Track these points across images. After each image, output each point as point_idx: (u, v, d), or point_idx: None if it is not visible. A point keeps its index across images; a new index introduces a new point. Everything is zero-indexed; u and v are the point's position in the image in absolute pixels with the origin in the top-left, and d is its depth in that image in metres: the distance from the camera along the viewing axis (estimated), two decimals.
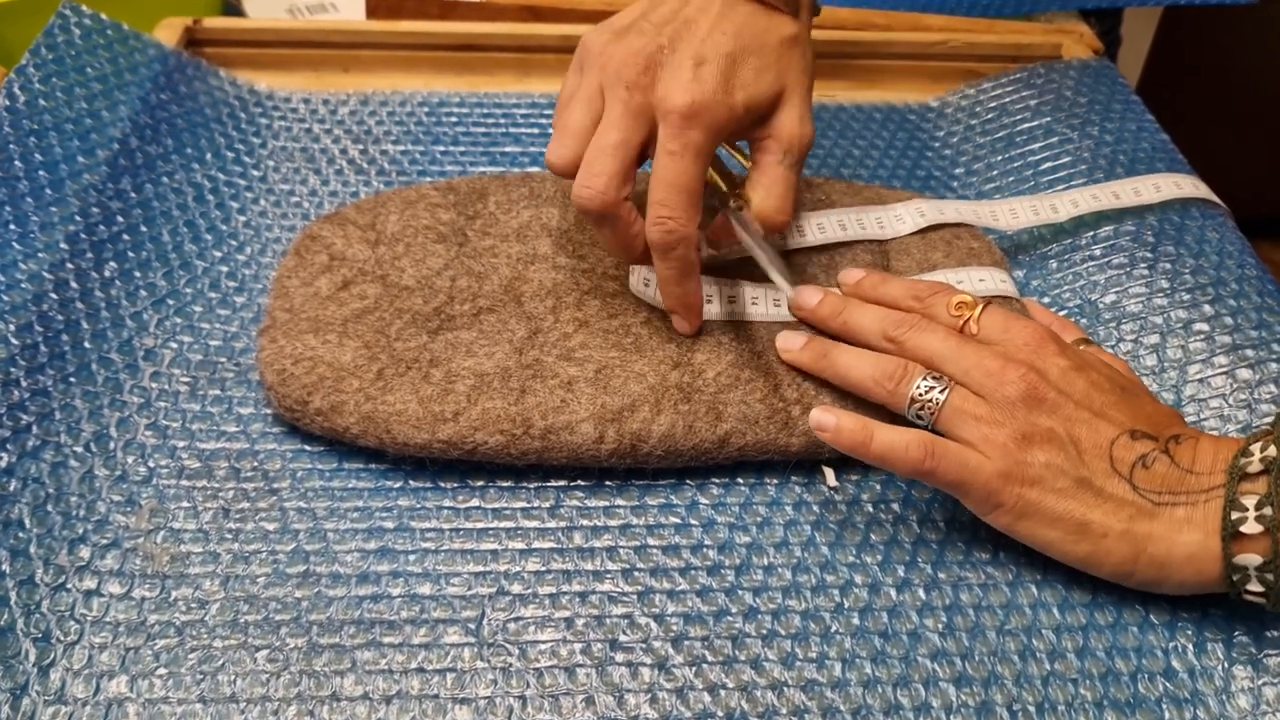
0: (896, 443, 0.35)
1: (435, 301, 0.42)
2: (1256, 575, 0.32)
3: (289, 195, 0.50)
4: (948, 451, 0.35)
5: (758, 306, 0.43)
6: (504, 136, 0.55)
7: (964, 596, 0.36)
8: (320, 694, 0.32)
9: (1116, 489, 0.34)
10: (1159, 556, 0.34)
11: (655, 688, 0.33)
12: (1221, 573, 0.33)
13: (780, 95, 0.41)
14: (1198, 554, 0.33)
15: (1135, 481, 0.34)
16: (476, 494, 0.38)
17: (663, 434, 0.38)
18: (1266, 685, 0.34)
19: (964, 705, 0.33)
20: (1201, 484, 0.34)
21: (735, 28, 0.40)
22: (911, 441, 0.35)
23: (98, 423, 0.39)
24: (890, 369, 0.38)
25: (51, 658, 0.32)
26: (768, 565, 0.37)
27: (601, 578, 0.36)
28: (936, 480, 0.35)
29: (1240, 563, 0.33)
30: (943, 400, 0.36)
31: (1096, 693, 0.34)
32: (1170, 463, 0.34)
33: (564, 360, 0.40)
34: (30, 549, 0.35)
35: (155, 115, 0.51)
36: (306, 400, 0.38)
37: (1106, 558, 0.34)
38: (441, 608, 0.35)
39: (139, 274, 0.44)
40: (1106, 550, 0.34)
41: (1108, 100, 0.57)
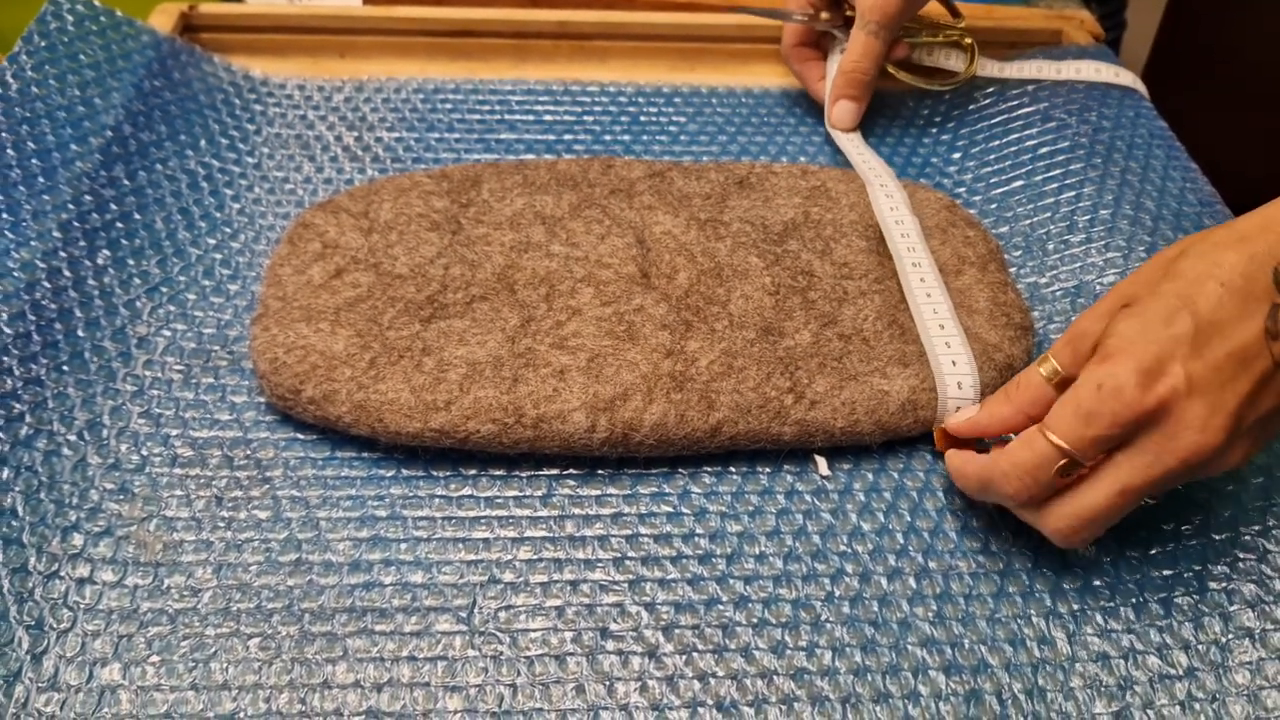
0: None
1: (428, 290, 0.42)
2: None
3: (283, 182, 0.50)
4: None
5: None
6: (499, 124, 0.55)
7: (954, 585, 0.36)
8: (312, 682, 0.32)
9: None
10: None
11: (645, 676, 0.33)
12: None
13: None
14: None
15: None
16: (469, 482, 0.38)
17: (655, 423, 0.38)
18: (1267, 661, 0.34)
19: (953, 693, 0.33)
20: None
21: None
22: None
23: (91, 411, 0.39)
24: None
25: (44, 645, 0.33)
26: (759, 554, 0.37)
27: (593, 566, 0.36)
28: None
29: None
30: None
31: (1085, 679, 0.34)
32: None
33: (556, 349, 0.40)
34: (23, 536, 0.35)
35: (149, 102, 0.51)
36: (299, 389, 0.38)
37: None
38: (433, 596, 0.35)
39: (132, 262, 0.44)
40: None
41: (1106, 86, 0.57)
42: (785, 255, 0.45)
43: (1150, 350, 0.32)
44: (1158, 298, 0.33)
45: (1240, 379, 0.32)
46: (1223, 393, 0.32)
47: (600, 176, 0.49)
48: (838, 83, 0.54)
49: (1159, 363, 0.32)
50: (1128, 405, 0.32)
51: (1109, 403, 0.32)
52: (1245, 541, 0.38)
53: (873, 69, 0.53)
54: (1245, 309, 0.32)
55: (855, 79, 0.53)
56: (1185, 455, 0.32)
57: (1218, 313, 0.32)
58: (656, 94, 0.58)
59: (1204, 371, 0.32)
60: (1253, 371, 0.32)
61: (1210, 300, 0.32)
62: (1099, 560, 0.37)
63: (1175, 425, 0.32)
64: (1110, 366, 0.32)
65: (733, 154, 0.54)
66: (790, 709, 0.33)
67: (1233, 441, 0.33)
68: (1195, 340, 0.32)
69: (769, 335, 0.41)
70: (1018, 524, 0.38)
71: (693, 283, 0.43)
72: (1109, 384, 0.32)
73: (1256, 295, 0.32)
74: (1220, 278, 0.33)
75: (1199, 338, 0.32)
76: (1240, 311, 0.32)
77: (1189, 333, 0.32)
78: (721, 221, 0.46)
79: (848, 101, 0.54)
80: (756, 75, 0.60)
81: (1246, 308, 0.32)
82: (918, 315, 0.42)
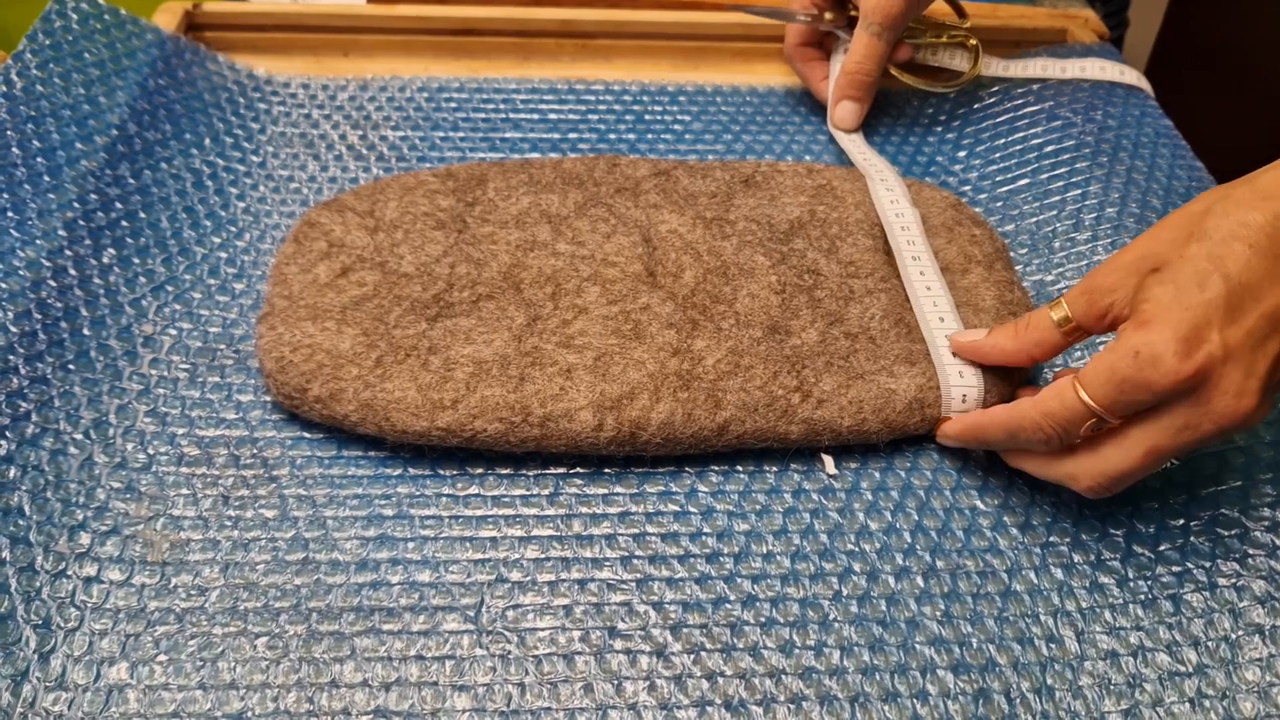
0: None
1: (434, 288, 0.42)
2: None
3: (288, 181, 0.50)
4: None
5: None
6: (503, 122, 0.55)
7: (962, 584, 0.36)
8: (319, 681, 0.32)
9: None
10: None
11: (653, 675, 0.33)
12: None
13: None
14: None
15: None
16: (475, 481, 0.38)
17: (661, 422, 0.38)
18: (1277, 658, 0.34)
19: (961, 692, 0.33)
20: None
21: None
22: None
23: (97, 410, 0.39)
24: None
25: (52, 644, 0.33)
26: (766, 553, 0.37)
27: (600, 565, 0.36)
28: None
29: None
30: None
31: (1094, 677, 0.34)
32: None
33: (563, 348, 0.40)
34: (30, 536, 0.35)
35: (154, 101, 0.51)
36: (305, 388, 0.38)
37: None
38: (440, 595, 0.35)
39: (137, 261, 0.44)
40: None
41: (1111, 84, 0.57)
42: (791, 254, 0.45)
43: (1187, 317, 0.32)
44: (1187, 261, 0.33)
45: (1271, 340, 0.33)
46: (1255, 356, 0.32)
47: (606, 175, 0.49)
48: (840, 83, 0.54)
49: (1196, 330, 0.32)
50: (1165, 374, 0.32)
51: (1146, 371, 0.32)
52: (1255, 538, 0.38)
53: (875, 70, 0.53)
54: (1273, 269, 0.33)
55: (858, 80, 0.54)
56: (1220, 420, 0.32)
57: (1247, 274, 0.32)
58: (661, 92, 0.57)
59: (1239, 336, 0.32)
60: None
61: (1239, 262, 0.32)
62: (1107, 558, 0.37)
63: (1212, 391, 0.32)
64: (1147, 334, 0.33)
65: (737, 153, 0.54)
66: (799, 708, 0.33)
67: (1263, 402, 0.33)
68: (1229, 304, 0.32)
69: (775, 334, 0.41)
70: (1024, 522, 0.38)
71: (699, 281, 0.43)
72: (1146, 352, 0.32)
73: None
74: (1248, 239, 0.33)
75: (1232, 301, 0.32)
76: (1269, 272, 0.33)
77: (1222, 297, 0.32)
78: (727, 220, 0.46)
79: (850, 102, 0.54)
80: (760, 74, 0.60)
81: (1274, 268, 0.33)
82: (918, 308, 0.42)
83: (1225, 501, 0.39)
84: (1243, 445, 0.40)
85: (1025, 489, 0.39)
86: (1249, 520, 0.38)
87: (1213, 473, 0.40)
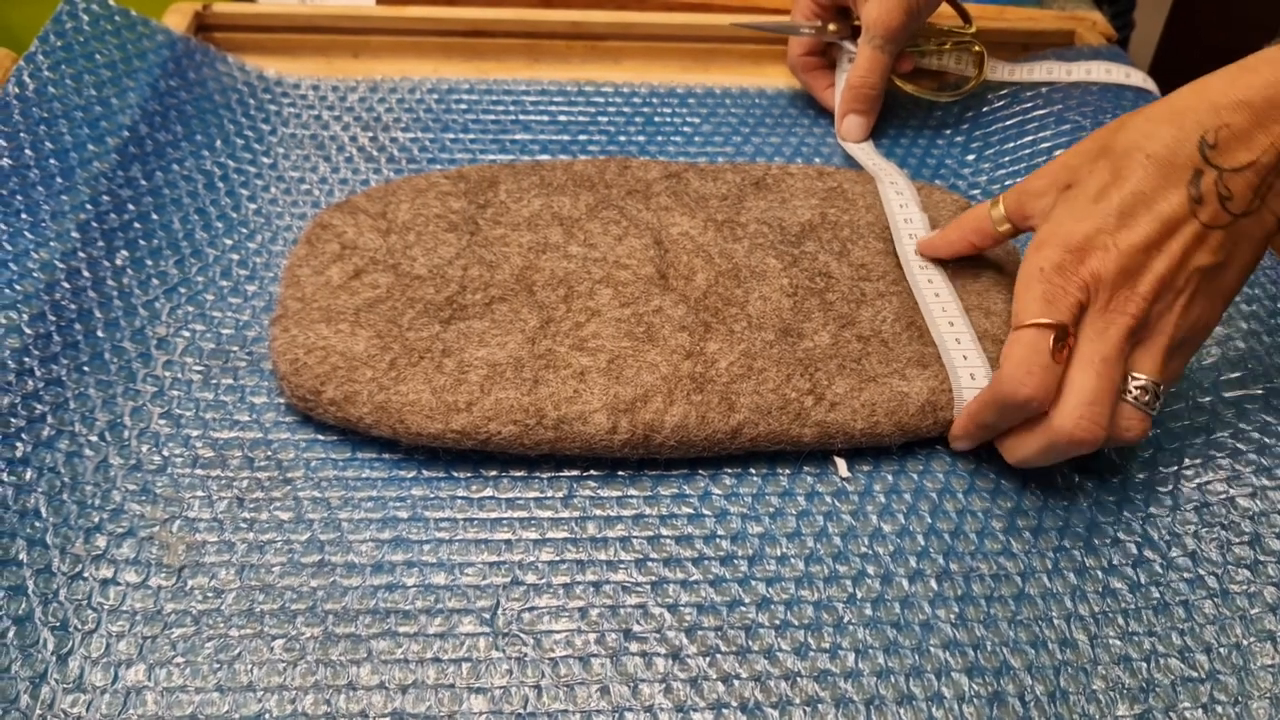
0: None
1: (447, 291, 0.42)
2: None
3: (299, 183, 0.50)
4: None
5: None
6: (514, 124, 0.55)
7: (976, 587, 0.36)
8: (337, 683, 0.33)
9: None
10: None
11: (670, 678, 0.33)
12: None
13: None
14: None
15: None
16: (490, 484, 0.38)
17: (676, 424, 0.38)
18: None
19: (976, 695, 0.33)
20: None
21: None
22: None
23: (111, 411, 0.39)
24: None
25: (69, 646, 0.33)
26: (780, 555, 0.37)
27: (615, 568, 0.36)
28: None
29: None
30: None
31: (1108, 681, 0.34)
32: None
33: (576, 350, 0.40)
34: (47, 538, 0.35)
35: (164, 102, 0.51)
36: (320, 390, 0.38)
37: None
38: (456, 597, 0.35)
39: (150, 262, 0.44)
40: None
41: (1119, 87, 0.57)
42: (803, 257, 0.45)
43: (1080, 229, 0.36)
44: (1092, 175, 0.37)
45: (1171, 243, 0.35)
46: (1151, 257, 0.35)
47: (617, 177, 0.49)
48: (845, 97, 0.54)
49: (1088, 239, 0.36)
50: (1067, 279, 0.36)
51: (1053, 279, 0.36)
52: (1267, 544, 0.38)
53: (879, 83, 0.54)
54: (1169, 178, 0.35)
55: (862, 94, 0.54)
56: (1133, 312, 0.35)
57: (1143, 184, 0.35)
58: (670, 94, 0.58)
59: (1132, 239, 0.35)
60: (1183, 236, 0.35)
61: (1136, 172, 0.35)
62: (1119, 563, 0.37)
63: (1112, 291, 0.35)
64: (1046, 251, 0.36)
65: (747, 155, 0.54)
66: (814, 710, 0.33)
67: (1173, 296, 0.35)
68: (1122, 213, 0.35)
69: (788, 337, 0.41)
70: (1037, 525, 0.38)
71: (711, 284, 0.43)
72: (1047, 266, 0.36)
73: (1179, 165, 0.35)
74: (1148, 149, 0.35)
75: (1124, 211, 0.35)
76: (1164, 181, 0.35)
77: (1115, 207, 0.36)
78: (738, 223, 0.46)
79: (856, 116, 0.54)
80: (770, 76, 0.60)
81: (1170, 177, 0.35)
82: (927, 312, 0.43)
83: (1237, 510, 0.39)
84: (1255, 454, 0.41)
85: (1039, 493, 0.39)
86: (1261, 528, 0.38)
87: (1224, 481, 0.40)
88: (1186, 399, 0.43)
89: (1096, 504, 0.39)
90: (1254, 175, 0.34)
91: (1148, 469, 0.40)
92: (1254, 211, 0.35)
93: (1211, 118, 0.34)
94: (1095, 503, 0.39)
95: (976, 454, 0.40)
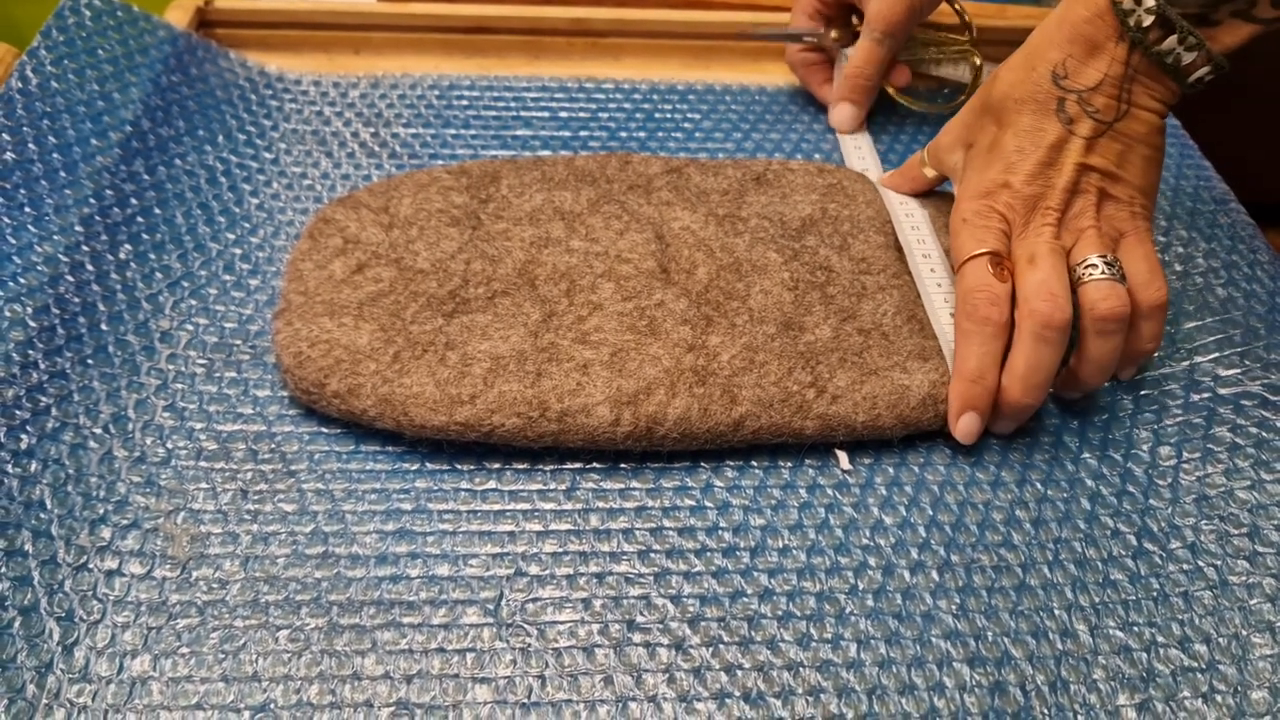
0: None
1: (450, 285, 0.43)
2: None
3: (301, 178, 0.50)
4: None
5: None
6: (514, 120, 0.55)
7: (977, 578, 0.36)
8: (342, 673, 0.33)
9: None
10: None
11: (673, 668, 0.33)
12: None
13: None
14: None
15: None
16: (493, 476, 0.39)
17: (678, 417, 0.38)
18: None
19: (978, 684, 0.34)
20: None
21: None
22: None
23: (116, 404, 0.39)
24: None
25: (75, 636, 0.33)
26: (782, 547, 0.37)
27: (618, 559, 0.36)
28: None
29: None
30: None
31: (1108, 671, 0.34)
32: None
33: (579, 343, 0.40)
34: (52, 529, 0.35)
35: (167, 97, 0.51)
36: (324, 383, 0.39)
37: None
38: (460, 589, 0.35)
39: (154, 256, 0.44)
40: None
41: None
42: (803, 251, 0.45)
43: (986, 178, 0.42)
44: (983, 130, 0.43)
45: (1063, 159, 0.40)
46: (1050, 176, 0.40)
47: (618, 172, 0.49)
48: (840, 86, 0.55)
49: (994, 183, 0.41)
50: (986, 217, 0.41)
51: (974, 221, 0.41)
52: (1265, 536, 0.38)
53: (875, 75, 0.54)
54: (1040, 112, 0.41)
55: (857, 83, 0.54)
56: (1050, 221, 0.40)
57: (1020, 123, 0.41)
58: (671, 91, 0.58)
59: (1028, 168, 0.40)
60: (1071, 151, 0.40)
61: (1012, 116, 0.41)
62: (1119, 554, 0.37)
63: (1027, 213, 0.40)
64: (964, 205, 0.42)
65: (747, 151, 0.55)
66: (816, 700, 0.33)
67: (1082, 200, 0.40)
68: (1015, 151, 0.41)
69: (789, 330, 0.41)
70: (1037, 517, 0.38)
71: (712, 278, 0.43)
72: (968, 214, 0.41)
73: (1043, 99, 0.41)
74: (1015, 95, 0.41)
75: (1017, 149, 0.41)
76: (1037, 116, 0.41)
77: (1008, 150, 0.41)
78: (739, 217, 0.47)
79: (848, 105, 0.55)
80: (770, 73, 0.60)
81: (1040, 111, 0.41)
82: (929, 304, 0.43)
83: (1235, 501, 0.39)
84: (1253, 448, 0.41)
85: (1039, 485, 0.39)
86: (1259, 519, 0.39)
87: (1223, 474, 0.40)
88: (1185, 394, 0.43)
89: (1096, 496, 0.39)
90: (1110, 88, 0.39)
91: (1146, 462, 0.41)
92: (1125, 115, 0.40)
93: (1056, 53, 0.40)
94: (1094, 495, 0.39)
95: (977, 447, 0.40)
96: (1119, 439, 0.41)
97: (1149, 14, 0.38)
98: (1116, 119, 0.40)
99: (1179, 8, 0.38)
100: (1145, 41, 0.38)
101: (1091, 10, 0.39)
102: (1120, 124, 0.40)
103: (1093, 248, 0.39)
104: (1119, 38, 0.39)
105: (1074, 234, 0.40)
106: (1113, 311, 0.38)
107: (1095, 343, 0.39)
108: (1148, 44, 0.38)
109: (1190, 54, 0.38)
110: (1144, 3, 0.38)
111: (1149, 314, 0.40)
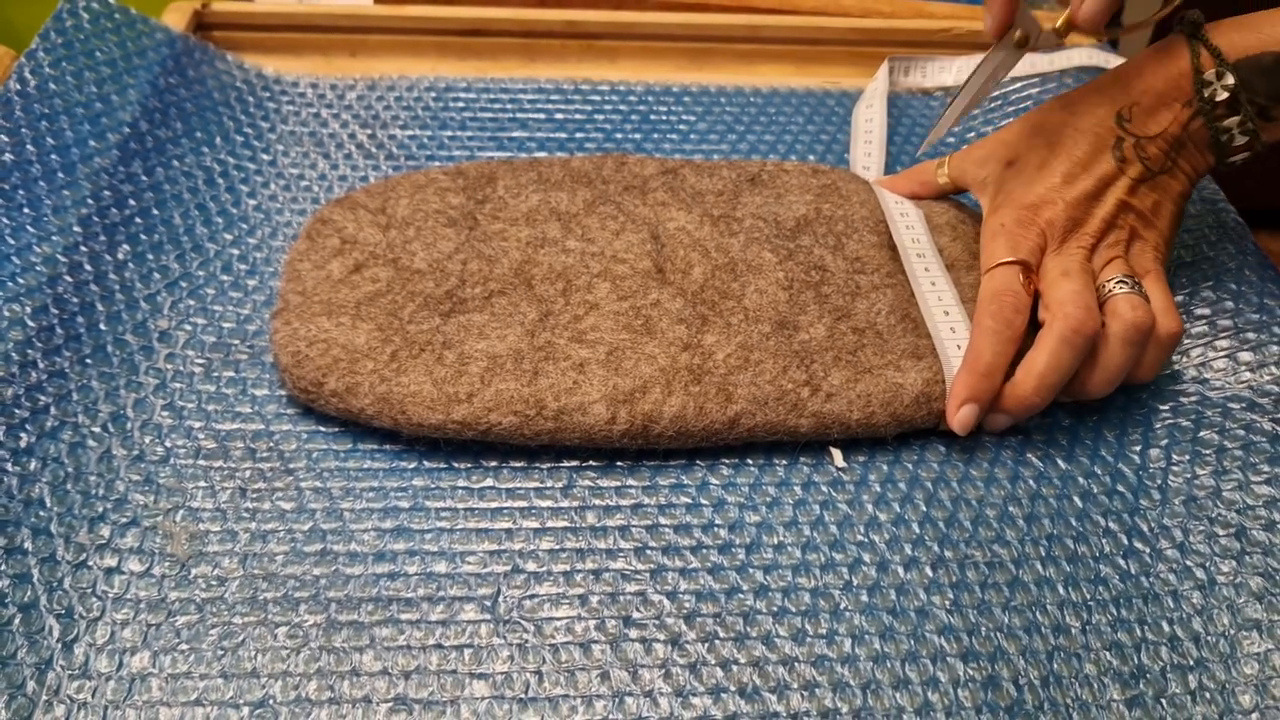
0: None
1: (447, 285, 0.43)
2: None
3: (298, 179, 0.51)
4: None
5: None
6: (510, 122, 0.55)
7: (970, 574, 0.37)
8: (340, 669, 0.33)
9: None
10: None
11: (669, 663, 0.34)
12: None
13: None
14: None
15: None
16: (490, 474, 0.39)
17: (674, 415, 0.38)
18: (1274, 652, 0.35)
19: (971, 679, 0.34)
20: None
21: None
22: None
23: (114, 403, 0.39)
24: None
25: (75, 633, 0.33)
26: (777, 544, 0.37)
27: (614, 556, 0.37)
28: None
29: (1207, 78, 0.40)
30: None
31: (1100, 666, 0.34)
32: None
33: (575, 342, 0.40)
34: (51, 527, 0.35)
35: (164, 99, 0.51)
36: (322, 382, 0.39)
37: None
38: (457, 585, 0.35)
39: (152, 257, 0.44)
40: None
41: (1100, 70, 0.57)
42: (798, 250, 0.46)
43: (1032, 191, 0.43)
44: (1032, 150, 0.44)
45: (1108, 194, 0.42)
46: (1093, 205, 0.42)
47: (614, 174, 0.49)
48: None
49: (1040, 198, 0.43)
50: (1026, 229, 0.42)
51: (1013, 230, 0.42)
52: (1252, 536, 0.38)
53: None
54: (1097, 146, 0.42)
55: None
56: (1085, 245, 0.42)
57: (1077, 152, 0.43)
58: (666, 93, 0.58)
59: (1076, 194, 0.42)
60: (1117, 188, 0.42)
61: (1070, 144, 0.43)
62: (1110, 552, 0.38)
63: (1064, 234, 0.42)
64: (1005, 211, 0.43)
65: (742, 153, 0.55)
66: (812, 694, 0.33)
67: (1116, 233, 0.42)
68: (1065, 176, 0.43)
69: (784, 329, 0.42)
70: (1030, 514, 0.39)
71: (707, 278, 0.44)
72: (1008, 221, 0.43)
73: (1103, 134, 0.42)
74: (1077, 125, 0.43)
75: (1066, 174, 0.43)
76: (1094, 149, 0.42)
77: (1059, 172, 0.43)
78: (734, 218, 0.47)
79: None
80: (764, 75, 0.61)
81: (1098, 145, 0.42)
82: (923, 303, 0.43)
83: (1222, 502, 0.40)
84: (1240, 450, 0.41)
85: (1030, 481, 0.40)
86: (1246, 520, 0.39)
87: (1210, 475, 0.41)
88: (1173, 397, 0.43)
89: (1088, 495, 0.40)
90: (1164, 142, 0.42)
91: (1136, 464, 0.41)
92: (1169, 170, 0.42)
93: (1125, 97, 0.42)
94: (1086, 493, 0.40)
95: (970, 444, 0.41)
96: (1110, 439, 0.42)
97: (1225, 90, 0.40)
98: (1161, 171, 0.42)
99: (1249, 93, 0.40)
100: (1211, 114, 0.40)
101: (1173, 70, 0.41)
102: (1163, 176, 0.42)
103: (1121, 270, 0.41)
104: (1186, 102, 0.41)
105: (1103, 260, 0.42)
106: (1141, 322, 0.39)
107: (1115, 351, 0.40)
108: (1212, 117, 0.40)
109: (1242, 138, 0.41)
110: (1224, 79, 0.40)
111: (1161, 342, 0.41)
